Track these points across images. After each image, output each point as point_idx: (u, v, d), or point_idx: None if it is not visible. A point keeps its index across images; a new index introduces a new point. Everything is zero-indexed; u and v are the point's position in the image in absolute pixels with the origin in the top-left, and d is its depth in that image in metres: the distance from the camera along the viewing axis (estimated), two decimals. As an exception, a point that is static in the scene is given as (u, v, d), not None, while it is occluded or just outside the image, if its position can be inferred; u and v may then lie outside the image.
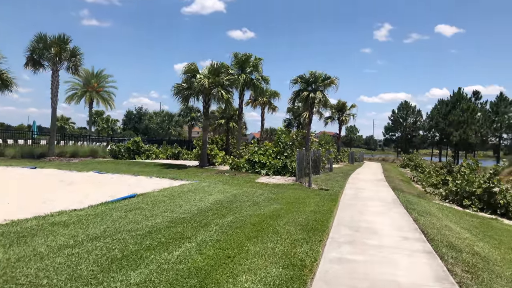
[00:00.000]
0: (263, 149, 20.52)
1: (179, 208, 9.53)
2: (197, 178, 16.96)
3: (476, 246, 7.84)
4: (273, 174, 19.45)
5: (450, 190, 16.57)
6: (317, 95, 26.37)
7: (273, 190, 13.58)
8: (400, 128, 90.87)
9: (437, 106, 72.77)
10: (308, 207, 10.27)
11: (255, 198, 11.44)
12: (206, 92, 21.51)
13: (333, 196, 12.62)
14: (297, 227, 7.84)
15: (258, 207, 9.86)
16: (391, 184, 18.47)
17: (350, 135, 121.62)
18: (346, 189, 15.25)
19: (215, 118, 39.55)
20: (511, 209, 14.88)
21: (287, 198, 11.71)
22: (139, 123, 68.85)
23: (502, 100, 57.65)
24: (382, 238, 7.56)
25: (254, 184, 15.48)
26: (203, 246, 6.32)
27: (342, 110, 42.80)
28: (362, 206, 11.28)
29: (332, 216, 9.26)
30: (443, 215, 11.28)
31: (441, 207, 13.29)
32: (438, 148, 79.17)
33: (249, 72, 26.63)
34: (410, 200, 12.92)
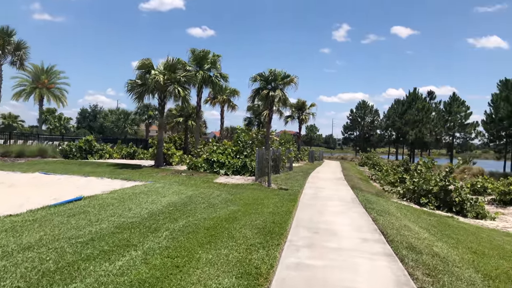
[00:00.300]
0: (222, 148, 19.98)
1: (128, 211, 8.87)
2: (152, 178, 16.20)
3: (435, 246, 7.71)
4: (232, 173, 18.96)
5: (407, 189, 16.74)
6: (276, 93, 26.09)
7: (231, 190, 13.10)
8: (358, 127, 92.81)
9: (394, 105, 74.94)
10: (266, 208, 9.87)
11: (212, 199, 10.92)
12: (162, 89, 20.68)
13: (292, 196, 12.31)
14: (254, 231, 7.41)
15: (213, 209, 9.35)
16: (350, 183, 18.47)
17: (310, 134, 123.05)
18: (305, 189, 15.01)
19: (173, 116, 38.53)
20: (466, 207, 15.16)
21: (245, 199, 11.27)
22: (94, 122, 66.30)
23: (454, 100, 60.09)
24: (342, 240, 7.27)
25: (211, 184, 14.94)
26: (150, 255, 5.76)
27: (302, 109, 42.97)
28: (321, 206, 11.03)
29: (291, 217, 8.90)
30: (402, 214, 11.23)
31: (399, 206, 13.31)
32: (395, 146, 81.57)
33: (207, 69, 25.95)
34: (369, 199, 12.83)
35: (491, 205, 18.83)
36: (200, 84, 25.82)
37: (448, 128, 60.36)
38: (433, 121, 59.76)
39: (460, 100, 59.47)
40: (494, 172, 34.94)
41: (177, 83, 20.75)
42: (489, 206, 18.21)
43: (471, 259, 7.22)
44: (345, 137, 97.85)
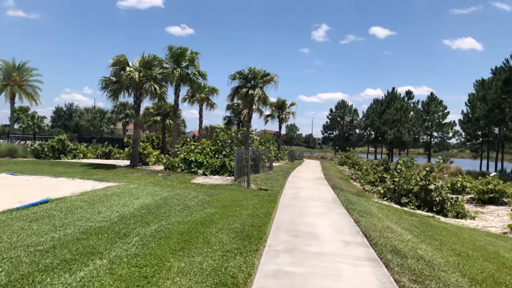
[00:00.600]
0: (200, 148, 19.46)
1: (97, 215, 8.31)
2: (126, 179, 15.56)
3: (420, 249, 7.44)
4: (210, 173, 18.47)
5: (388, 188, 16.58)
6: (256, 92, 25.63)
7: (209, 191, 12.62)
8: (338, 127, 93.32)
9: (373, 105, 75.60)
10: (245, 210, 9.44)
11: (188, 201, 10.42)
12: (137, 87, 19.99)
13: (272, 197, 11.92)
14: (231, 235, 6.97)
15: (189, 212, 8.86)
16: (330, 182, 18.22)
17: (290, 133, 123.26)
18: (286, 189, 14.65)
19: (151, 115, 37.74)
20: (447, 207, 15.08)
21: (223, 200, 10.82)
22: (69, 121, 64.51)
23: (432, 100, 60.95)
24: (324, 243, 6.91)
25: (188, 185, 14.43)
26: (116, 264, 5.26)
27: (282, 108, 42.69)
28: (302, 207, 10.68)
29: (270, 220, 8.50)
30: (383, 215, 10.98)
31: (381, 206, 13.08)
32: (374, 146, 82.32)
33: (185, 67, 25.30)
34: (350, 200, 12.55)
35: (470, 204, 18.89)
36: (178, 82, 25.17)
37: (426, 128, 61.18)
38: (411, 121, 60.49)
39: (437, 100, 60.37)
40: (471, 171, 35.44)
41: (153, 80, 20.10)
42: (468, 205, 18.24)
43: (456, 261, 6.97)
44: (324, 136, 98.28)
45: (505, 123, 31.77)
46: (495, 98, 31.48)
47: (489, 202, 19.57)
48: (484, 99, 33.95)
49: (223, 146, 19.37)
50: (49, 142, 27.34)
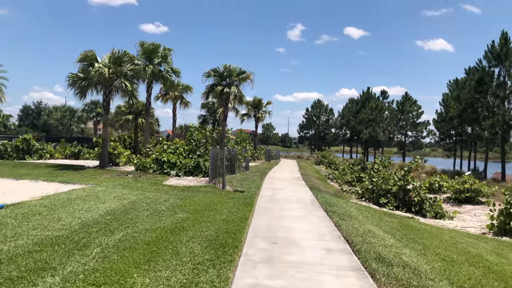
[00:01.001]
0: (173, 147, 18.70)
1: (57, 222, 7.55)
2: (94, 181, 14.70)
3: (404, 254, 7.03)
4: (184, 174, 17.75)
5: (366, 188, 16.28)
6: (232, 90, 24.95)
7: (182, 194, 11.95)
8: (314, 126, 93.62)
9: (348, 104, 76.07)
10: (219, 214, 8.83)
11: (158, 205, 9.73)
12: (107, 83, 19.05)
13: (248, 200, 11.35)
14: (204, 244, 6.36)
15: (159, 218, 8.18)
16: (308, 183, 17.80)
17: (267, 132, 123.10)
18: (262, 190, 14.12)
19: (123, 113, 36.59)
20: (425, 207, 14.88)
21: (197, 204, 10.17)
22: (38, 119, 62.08)
23: (407, 99, 61.72)
24: (304, 251, 6.40)
25: (160, 187, 13.70)
26: (70, 282, 4.58)
27: (258, 107, 42.14)
28: (280, 210, 10.15)
29: (246, 225, 7.93)
30: (364, 217, 10.58)
31: (360, 207, 12.72)
32: (349, 145, 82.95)
33: (157, 63, 24.39)
34: (328, 201, 12.12)
35: (447, 204, 18.85)
36: (150, 79, 24.27)
37: (400, 127, 61.93)
38: (386, 120, 61.11)
39: (412, 100, 61.22)
40: (446, 170, 35.85)
41: (124, 77, 19.21)
42: (444, 204, 18.16)
43: (442, 267, 6.61)
44: (301, 136, 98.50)
45: (478, 122, 32.24)
46: (469, 98, 31.91)
47: (465, 202, 19.59)
48: (458, 98, 34.41)
49: (198, 146, 18.68)
50: (13, 142, 25.95)
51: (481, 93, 31.12)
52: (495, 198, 20.95)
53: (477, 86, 30.95)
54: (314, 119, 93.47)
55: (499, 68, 32.07)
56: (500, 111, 30.87)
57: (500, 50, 31.15)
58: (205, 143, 19.29)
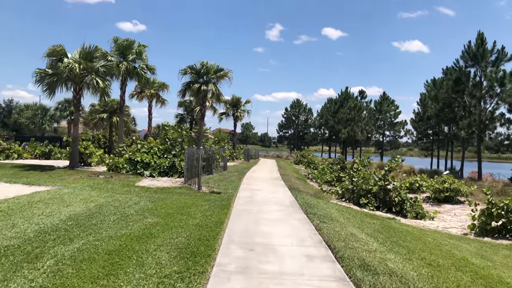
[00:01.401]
0: (147, 147, 17.93)
1: (10, 229, 6.81)
2: (62, 182, 13.84)
3: (389, 260, 6.59)
4: (158, 175, 17.02)
5: (346, 188, 15.92)
6: (209, 87, 24.18)
7: (154, 196, 11.27)
8: (293, 126, 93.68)
9: (327, 104, 76.22)
10: (193, 219, 8.21)
11: (127, 209, 9.04)
12: (77, 80, 18.12)
13: (225, 202, 10.76)
14: (173, 253, 5.76)
15: (125, 223, 7.52)
16: (287, 183, 17.33)
17: (246, 132, 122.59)
18: (240, 191, 13.56)
19: (97, 112, 35.42)
20: (406, 207, 14.62)
21: (169, 207, 9.53)
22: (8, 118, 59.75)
23: (385, 99, 62.16)
24: (283, 259, 5.87)
25: (132, 188, 12.97)
26: (11, 303, 3.91)
27: (237, 106, 41.49)
28: (258, 212, 9.61)
29: (222, 230, 7.35)
30: (345, 219, 10.15)
31: (340, 208, 12.30)
32: (328, 144, 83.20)
33: (131, 60, 23.45)
34: (308, 202, 11.66)
35: (426, 203, 18.72)
36: (124, 76, 23.33)
37: (378, 127, 62.35)
38: (364, 120, 61.41)
39: (389, 100, 61.67)
40: (424, 169, 36.04)
41: (95, 73, 18.30)
42: (424, 204, 18.00)
43: (429, 274, 6.21)
44: (280, 135, 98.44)
45: (456, 122, 32.49)
46: (446, 98, 32.12)
47: (445, 201, 19.51)
48: (436, 98, 34.62)
49: (173, 145, 17.96)
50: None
51: (458, 93, 31.37)
52: (473, 197, 20.99)
53: (454, 86, 31.18)
54: (293, 118, 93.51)
55: (475, 68, 32.43)
56: (477, 110, 31.17)
57: (476, 50, 31.46)
58: (181, 142, 18.59)
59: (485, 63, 31.64)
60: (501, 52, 31.30)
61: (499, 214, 11.98)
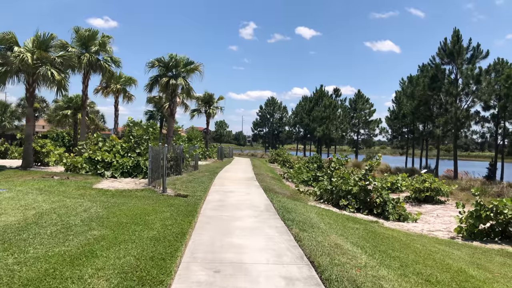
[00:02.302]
0: (109, 145, 16.39)
1: None
2: (8, 184, 12.21)
3: (383, 279, 5.51)
4: (121, 175, 15.55)
5: (325, 189, 14.89)
6: (178, 81, 22.53)
7: (110, 201, 9.85)
8: (268, 124, 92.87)
9: (301, 102, 75.57)
10: (149, 230, 6.89)
11: (72, 217, 7.62)
12: (30, 71, 16.37)
13: (191, 207, 9.46)
14: (115, 280, 4.45)
15: (64, 237, 6.14)
16: (262, 183, 16.14)
17: (220, 130, 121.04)
18: (210, 194, 12.28)
19: (61, 108, 33.37)
20: (388, 209, 13.70)
21: (123, 214, 8.15)
22: (-34, 115, 56.35)
23: (359, 97, 61.90)
24: (257, 285, 4.67)
25: (88, 191, 11.48)
26: None
27: (210, 103, 39.86)
28: (229, 219, 8.38)
29: (183, 245, 6.09)
30: (326, 225, 9.04)
31: (320, 212, 11.20)
32: (303, 143, 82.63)
33: (94, 52, 21.66)
34: (286, 206, 10.51)
35: (406, 203, 17.93)
36: (87, 69, 21.60)
37: (353, 125, 62.10)
38: (339, 118, 61.01)
39: (364, 98, 61.47)
40: (400, 168, 35.63)
41: (51, 64, 16.58)
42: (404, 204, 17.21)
43: (431, 294, 5.15)
44: (255, 133, 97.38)
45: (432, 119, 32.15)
46: (422, 95, 31.73)
47: (425, 201, 18.83)
48: (412, 95, 34.22)
49: (138, 143, 16.48)
50: None
51: (434, 90, 31.01)
52: (453, 197, 20.42)
53: (430, 83, 30.79)
54: (267, 116, 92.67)
55: (451, 66, 32.17)
56: (453, 108, 30.88)
57: (452, 47, 31.15)
58: (148, 140, 17.14)
59: (461, 61, 31.39)
60: (477, 49, 31.13)
61: (487, 216, 11.22)
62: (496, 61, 31.68)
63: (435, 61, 32.17)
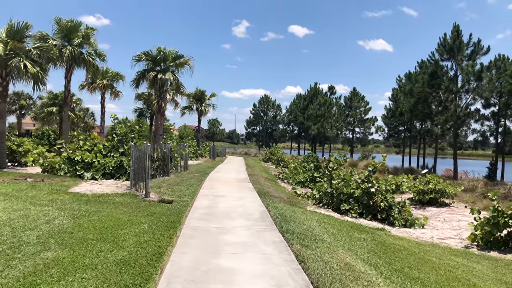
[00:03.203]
0: (90, 143, 15.08)
1: None
2: (-30, 189, 10.87)
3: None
4: (103, 177, 14.25)
5: (324, 192, 13.68)
6: (167, 76, 21.04)
7: (82, 209, 8.57)
8: (261, 122, 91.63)
9: (296, 100, 74.29)
10: (118, 249, 5.62)
11: (28, 232, 6.33)
12: (2, 63, 14.97)
13: (174, 216, 8.20)
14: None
15: (6, 262, 4.83)
16: (256, 185, 14.91)
17: (213, 128, 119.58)
18: (199, 198, 11.03)
19: (46, 105, 31.90)
20: (394, 214, 12.57)
21: (92, 227, 6.87)
22: None
23: (355, 95, 60.71)
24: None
25: (61, 196, 10.18)
26: None
27: (201, 100, 38.36)
28: (217, 232, 7.15)
29: (158, 270, 4.85)
30: (331, 237, 7.86)
31: (321, 219, 10.01)
32: (297, 141, 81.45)
33: (78, 45, 20.19)
34: (283, 213, 9.30)
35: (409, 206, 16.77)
36: (69, 63, 20.18)
37: (348, 123, 60.98)
38: (334, 116, 59.84)
39: (360, 95, 60.33)
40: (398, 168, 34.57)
41: (26, 56, 15.20)
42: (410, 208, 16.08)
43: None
44: (248, 132, 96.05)
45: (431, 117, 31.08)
46: (422, 92, 30.66)
47: (428, 203, 17.77)
48: (411, 92, 33.13)
49: (122, 141, 15.18)
50: None
51: (433, 87, 29.95)
52: (458, 199, 19.34)
53: (430, 80, 29.71)
54: (261, 114, 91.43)
55: (450, 62, 31.15)
56: (452, 105, 29.87)
57: (453, 43, 30.09)
58: (133, 138, 15.84)
59: (461, 57, 30.35)
60: (477, 45, 30.12)
61: (505, 223, 10.13)
62: (497, 58, 30.68)
63: (435, 57, 31.12)
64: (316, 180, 19.69)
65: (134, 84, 21.76)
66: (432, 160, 41.27)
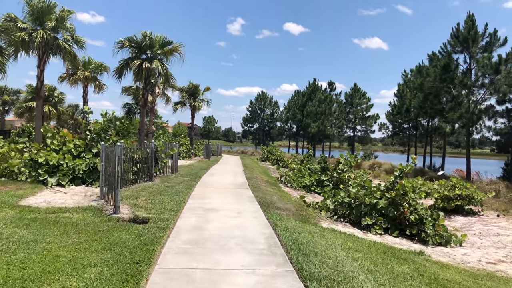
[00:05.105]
0: (57, 142, 12.57)
1: None
2: None
3: None
4: (72, 183, 11.75)
5: (341, 202, 11.26)
6: (154, 65, 18.37)
7: (15, 235, 6.07)
8: (258, 120, 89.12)
9: (294, 97, 71.60)
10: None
11: None
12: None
13: (145, 248, 5.72)
14: None
15: None
16: (257, 193, 12.42)
17: (208, 126, 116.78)
18: (184, 214, 8.57)
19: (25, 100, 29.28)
20: (426, 229, 10.23)
21: (3, 277, 4.42)
22: None
23: (356, 91, 58.13)
24: None
25: (3, 212, 7.71)
26: None
27: (195, 94, 35.67)
28: (204, 281, 4.70)
29: None
30: (368, 277, 5.45)
31: (346, 244, 7.57)
32: (295, 139, 78.93)
33: (51, 29, 17.53)
34: (298, 239, 6.88)
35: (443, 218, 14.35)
36: (42, 50, 17.61)
37: (348, 121, 58.48)
38: (335, 113, 57.32)
39: (361, 92, 57.79)
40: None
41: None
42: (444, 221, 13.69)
43: None
44: (244, 129, 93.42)
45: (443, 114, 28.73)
46: (433, 87, 28.31)
47: (453, 211, 15.44)
48: (421, 87, 30.74)
49: (96, 140, 12.69)
50: None
51: (445, 82, 27.63)
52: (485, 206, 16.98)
53: (442, 73, 27.37)
54: (258, 112, 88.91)
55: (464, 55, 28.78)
56: (466, 101, 27.55)
57: (467, 33, 27.74)
58: (111, 136, 13.38)
59: (475, 48, 28.00)
60: (493, 36, 27.79)
61: None
62: (511, 51, 28.36)
63: (447, 49, 28.74)
64: (323, 184, 17.33)
65: (116, 74, 19.10)
66: (439, 159, 39.01)
